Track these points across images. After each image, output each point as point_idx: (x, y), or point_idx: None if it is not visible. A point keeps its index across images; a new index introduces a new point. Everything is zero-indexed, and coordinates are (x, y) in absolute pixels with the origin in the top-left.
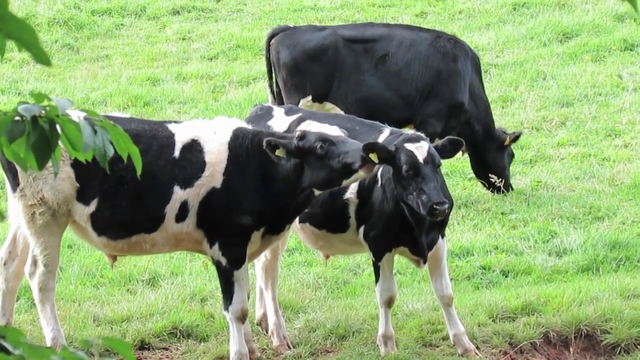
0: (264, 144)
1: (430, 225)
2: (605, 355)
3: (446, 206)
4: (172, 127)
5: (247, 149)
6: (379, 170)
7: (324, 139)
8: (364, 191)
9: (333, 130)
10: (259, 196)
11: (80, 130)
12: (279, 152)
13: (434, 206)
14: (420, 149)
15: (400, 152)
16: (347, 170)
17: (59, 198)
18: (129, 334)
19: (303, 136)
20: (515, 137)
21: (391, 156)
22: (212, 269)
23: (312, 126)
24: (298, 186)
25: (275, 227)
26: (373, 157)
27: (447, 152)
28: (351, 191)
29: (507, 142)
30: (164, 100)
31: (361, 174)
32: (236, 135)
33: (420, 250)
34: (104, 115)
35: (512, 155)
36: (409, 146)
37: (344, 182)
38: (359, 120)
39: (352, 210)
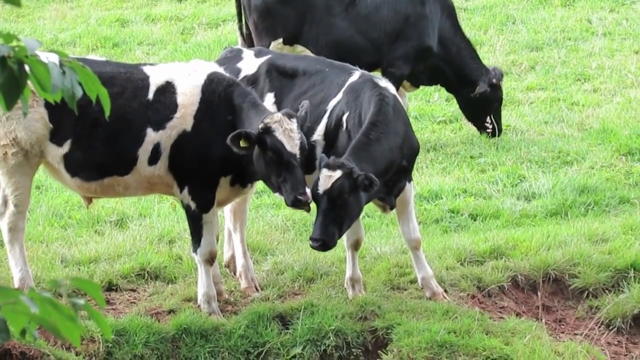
0: (228, 139)
1: (395, 171)
2: (573, 300)
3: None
4: (147, 69)
5: (219, 96)
6: (345, 115)
7: (279, 153)
8: (330, 134)
9: (296, 137)
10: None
11: (48, 71)
12: (243, 143)
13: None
14: (328, 178)
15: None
16: (271, 188)
17: (32, 138)
18: (97, 275)
19: (267, 130)
20: (482, 91)
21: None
22: (181, 210)
23: (281, 120)
24: None
25: (241, 178)
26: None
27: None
28: (319, 133)
29: (473, 94)
30: (132, 42)
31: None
32: (210, 80)
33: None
34: (79, 57)
35: (497, 100)
36: (323, 172)
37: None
38: (328, 61)
39: (319, 152)
